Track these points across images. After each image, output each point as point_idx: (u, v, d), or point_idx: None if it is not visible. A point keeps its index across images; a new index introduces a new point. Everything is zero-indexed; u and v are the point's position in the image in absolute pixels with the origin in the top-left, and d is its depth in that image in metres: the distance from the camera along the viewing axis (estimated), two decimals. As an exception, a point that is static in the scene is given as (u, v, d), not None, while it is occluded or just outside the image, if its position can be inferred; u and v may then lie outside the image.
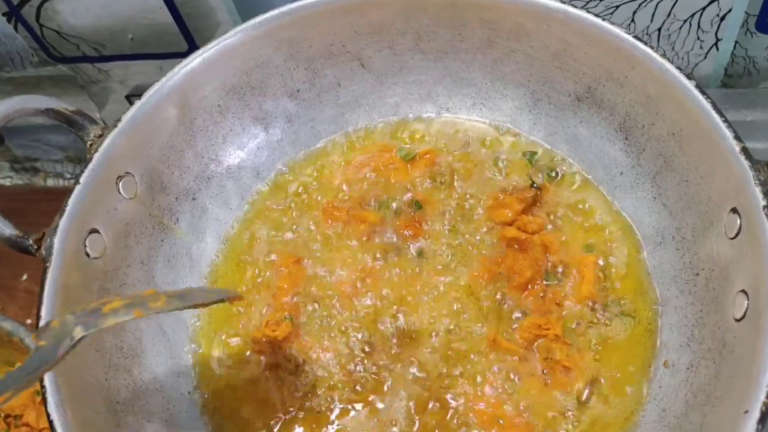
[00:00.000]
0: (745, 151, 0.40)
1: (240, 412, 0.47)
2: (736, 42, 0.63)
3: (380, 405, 0.45)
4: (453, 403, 0.44)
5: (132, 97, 0.79)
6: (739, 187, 0.39)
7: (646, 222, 0.48)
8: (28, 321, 0.71)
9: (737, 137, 0.40)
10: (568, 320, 0.46)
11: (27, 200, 0.90)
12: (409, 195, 0.53)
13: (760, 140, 0.59)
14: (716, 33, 0.63)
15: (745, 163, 0.39)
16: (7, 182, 0.95)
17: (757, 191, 0.38)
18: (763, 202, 0.38)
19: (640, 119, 0.47)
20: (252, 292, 0.51)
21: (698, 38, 0.64)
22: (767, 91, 0.63)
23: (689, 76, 0.43)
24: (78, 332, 0.37)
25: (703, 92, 0.42)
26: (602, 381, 0.44)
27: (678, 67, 0.43)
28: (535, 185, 0.51)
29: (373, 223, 0.52)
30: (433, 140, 0.55)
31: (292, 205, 0.54)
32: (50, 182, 0.96)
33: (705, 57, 0.65)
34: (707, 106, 0.42)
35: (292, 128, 0.56)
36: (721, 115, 0.41)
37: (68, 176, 0.94)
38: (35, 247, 0.44)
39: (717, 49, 0.64)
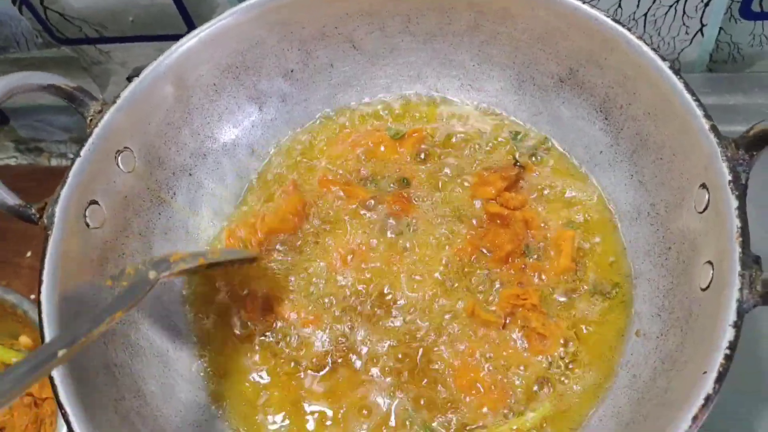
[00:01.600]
0: (714, 129, 0.42)
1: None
2: (720, 28, 0.65)
3: (358, 364, 0.47)
4: (432, 367, 0.46)
5: (133, 78, 0.80)
6: (708, 163, 0.41)
7: (623, 199, 0.50)
8: (32, 296, 0.74)
9: (707, 116, 0.42)
10: (545, 291, 0.48)
11: (31, 179, 0.92)
12: (397, 172, 0.54)
13: (741, 123, 0.61)
14: (701, 19, 0.64)
15: (713, 140, 0.41)
16: (12, 162, 0.98)
17: (724, 167, 0.40)
18: (728, 177, 0.40)
19: (618, 100, 0.49)
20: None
21: (683, 24, 0.65)
22: (750, 76, 0.64)
23: (664, 58, 0.44)
24: (153, 275, 0.43)
25: (676, 73, 0.44)
26: (577, 348, 0.46)
27: (654, 49, 0.45)
28: (518, 164, 0.53)
29: (364, 198, 0.54)
30: (421, 119, 0.57)
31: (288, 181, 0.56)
32: (54, 162, 0.98)
33: (690, 43, 0.67)
34: (680, 86, 0.43)
35: (285, 107, 0.58)
36: (693, 94, 0.43)
37: (71, 156, 0.96)
38: (37, 216, 0.46)
39: (702, 34, 0.66)
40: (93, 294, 0.47)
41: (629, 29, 0.46)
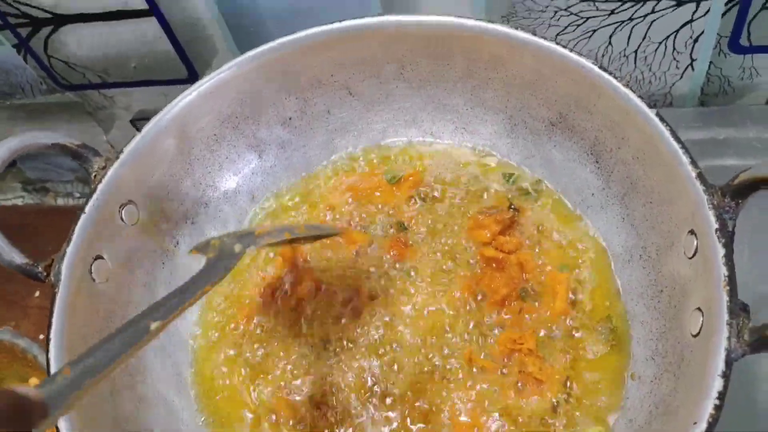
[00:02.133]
0: (700, 176, 0.42)
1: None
2: (710, 62, 0.66)
3: (354, 409, 0.48)
4: (430, 412, 0.47)
5: (136, 121, 0.82)
6: (695, 210, 0.42)
7: (615, 241, 0.51)
8: (41, 336, 0.75)
9: (693, 162, 0.43)
10: (541, 335, 0.49)
11: (38, 218, 0.93)
12: (393, 216, 0.56)
13: (732, 157, 0.62)
14: (691, 54, 0.65)
15: (700, 188, 0.42)
16: (19, 202, 0.99)
17: (710, 214, 0.41)
18: (715, 225, 0.41)
19: (608, 143, 0.50)
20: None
21: (674, 59, 0.66)
22: (740, 109, 0.65)
23: (650, 105, 0.46)
24: (238, 248, 0.42)
25: (662, 120, 0.45)
26: (574, 392, 0.47)
27: (639, 96, 0.46)
28: (512, 207, 0.54)
29: (362, 243, 0.55)
30: (417, 163, 0.59)
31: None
32: (60, 201, 1.00)
33: (681, 77, 0.68)
34: (666, 132, 0.44)
35: (284, 154, 0.60)
36: (679, 141, 0.44)
37: (78, 195, 0.97)
38: (44, 273, 0.47)
39: (692, 69, 0.67)
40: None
41: (615, 76, 0.47)
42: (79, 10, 0.69)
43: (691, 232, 0.43)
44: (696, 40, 0.64)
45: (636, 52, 0.66)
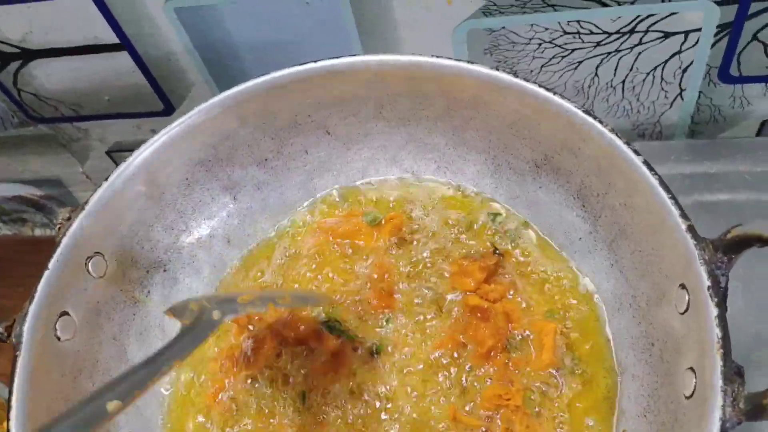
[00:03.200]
0: (691, 229, 0.41)
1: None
2: (700, 92, 0.64)
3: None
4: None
5: (112, 153, 0.80)
6: (686, 264, 0.40)
7: (604, 287, 0.49)
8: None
9: (683, 215, 0.41)
10: (528, 389, 0.47)
11: (15, 251, 0.91)
12: (375, 262, 0.53)
13: (723, 192, 0.60)
14: (680, 84, 0.64)
15: (691, 242, 0.40)
16: (-5, 233, 0.97)
17: (702, 270, 0.39)
18: (707, 283, 0.39)
19: (594, 188, 0.48)
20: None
21: (662, 89, 0.65)
22: (731, 142, 0.63)
23: (637, 152, 0.44)
24: (217, 315, 0.39)
25: (650, 167, 0.43)
26: (564, 450, 0.45)
27: (626, 142, 0.44)
28: (497, 251, 0.52)
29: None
30: (399, 204, 0.56)
31: (263, 273, 0.55)
32: (38, 232, 0.97)
33: (671, 106, 0.66)
34: (654, 182, 0.42)
35: (261, 195, 0.58)
36: (668, 191, 0.42)
37: (56, 224, 0.95)
38: (6, 335, 0.45)
39: (682, 99, 0.65)
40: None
41: (600, 121, 0.45)
42: (49, 44, 0.66)
43: (683, 286, 0.41)
44: (685, 71, 0.62)
45: (623, 82, 0.64)
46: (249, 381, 0.51)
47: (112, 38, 0.65)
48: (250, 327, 0.52)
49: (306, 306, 0.48)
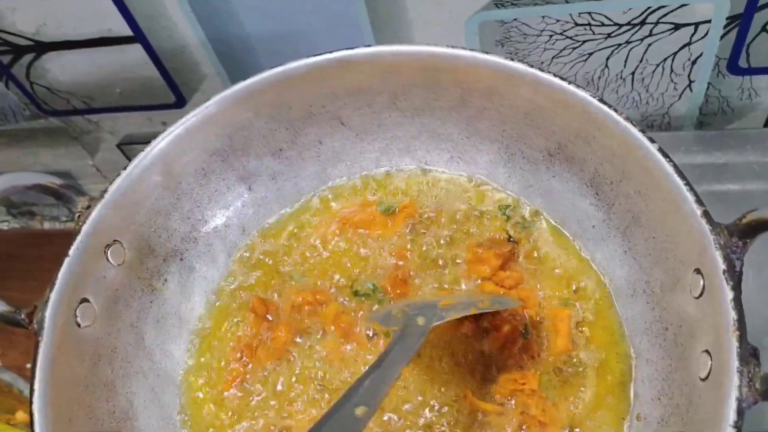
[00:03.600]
0: (706, 214, 0.41)
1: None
2: (709, 83, 0.65)
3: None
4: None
5: (123, 146, 0.80)
6: (701, 249, 0.41)
7: (618, 274, 0.50)
8: (28, 365, 0.73)
9: (699, 201, 0.42)
10: (544, 374, 0.48)
11: (25, 244, 0.92)
12: (390, 250, 0.54)
13: (733, 182, 0.61)
14: (689, 75, 0.64)
15: (706, 227, 0.41)
16: (5, 226, 0.97)
17: (717, 255, 0.40)
18: (723, 266, 0.39)
19: (608, 176, 0.49)
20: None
21: (672, 81, 0.65)
22: (739, 133, 0.64)
23: (652, 140, 0.44)
24: (422, 321, 0.39)
25: (665, 155, 0.44)
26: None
27: (641, 130, 0.45)
28: (512, 239, 0.53)
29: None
30: (413, 194, 0.57)
31: (279, 267, 0.56)
32: (47, 225, 0.98)
33: (679, 98, 0.67)
34: (669, 169, 0.43)
35: (275, 185, 0.58)
36: (683, 178, 0.43)
37: (64, 219, 0.96)
38: (27, 321, 0.45)
39: (691, 90, 0.66)
40: (86, 396, 0.46)
41: (615, 109, 0.46)
42: (62, 37, 0.67)
43: (697, 271, 0.42)
44: (694, 62, 0.63)
45: (633, 74, 0.65)
46: (265, 372, 0.51)
47: (126, 31, 0.65)
48: (269, 317, 0.53)
49: (503, 308, 0.48)
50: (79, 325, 0.47)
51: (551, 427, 0.46)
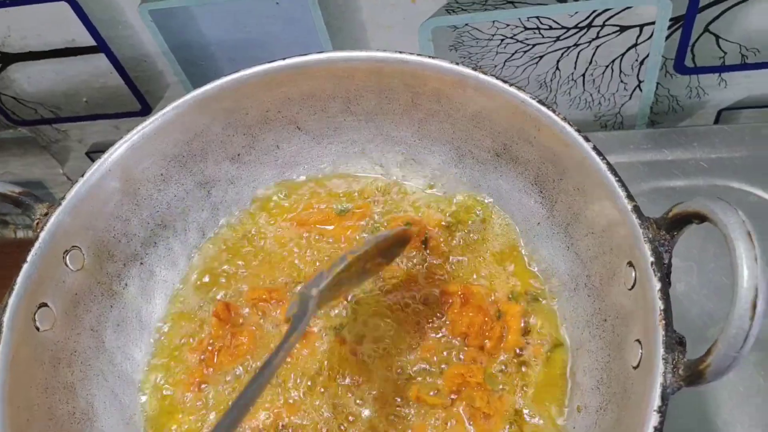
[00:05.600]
0: (636, 210, 0.43)
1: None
2: (658, 83, 0.67)
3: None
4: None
5: (92, 153, 0.82)
6: (632, 243, 0.43)
7: (562, 269, 0.52)
8: None
9: (629, 196, 0.43)
10: (490, 367, 0.49)
11: (-1, 252, 0.92)
12: (344, 249, 0.56)
13: (680, 178, 0.63)
14: (638, 76, 0.66)
15: (636, 221, 0.42)
16: (-22, 236, 0.98)
17: (646, 248, 0.41)
18: (651, 259, 0.41)
19: (550, 175, 0.51)
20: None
21: (621, 81, 0.67)
22: (688, 130, 0.66)
23: (587, 138, 0.46)
24: (315, 291, 0.44)
25: (599, 153, 0.45)
26: (524, 423, 0.47)
27: (577, 130, 0.46)
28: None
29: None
30: (368, 195, 0.59)
31: (238, 269, 0.57)
32: (20, 234, 0.98)
33: (630, 98, 0.69)
34: (603, 166, 0.45)
35: (234, 189, 0.60)
36: (616, 175, 0.44)
37: (38, 227, 0.96)
38: (-15, 325, 0.47)
39: (640, 90, 0.68)
40: (45, 398, 0.48)
41: (553, 110, 0.47)
42: (27, 48, 0.68)
43: (630, 263, 0.43)
44: (642, 63, 0.65)
45: (584, 75, 0.67)
46: (226, 374, 0.53)
47: (89, 41, 0.67)
48: (232, 321, 0.54)
49: (374, 246, 0.48)
50: (38, 329, 0.48)
51: (495, 418, 0.47)
